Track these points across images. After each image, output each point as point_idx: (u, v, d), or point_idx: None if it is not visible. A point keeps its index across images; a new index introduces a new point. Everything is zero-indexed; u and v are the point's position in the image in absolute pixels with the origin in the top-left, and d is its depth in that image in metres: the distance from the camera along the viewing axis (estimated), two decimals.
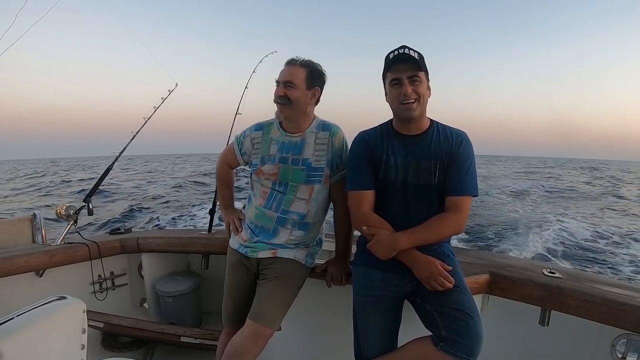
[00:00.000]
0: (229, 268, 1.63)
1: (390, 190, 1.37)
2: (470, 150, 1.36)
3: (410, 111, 1.31)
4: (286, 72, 1.48)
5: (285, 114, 1.50)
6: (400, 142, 1.38)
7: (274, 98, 1.49)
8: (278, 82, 1.49)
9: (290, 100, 1.46)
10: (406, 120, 1.36)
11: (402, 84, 1.29)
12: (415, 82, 1.30)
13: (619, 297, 1.38)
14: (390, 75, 1.32)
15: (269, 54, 2.48)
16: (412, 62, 1.29)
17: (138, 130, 2.43)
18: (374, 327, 1.38)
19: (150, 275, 2.35)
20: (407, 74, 1.29)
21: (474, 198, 1.35)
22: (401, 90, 1.30)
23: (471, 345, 1.16)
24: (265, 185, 1.56)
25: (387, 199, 1.38)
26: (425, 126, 1.38)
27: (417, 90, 1.30)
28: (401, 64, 1.29)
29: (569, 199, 16.80)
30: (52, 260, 1.98)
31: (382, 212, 1.37)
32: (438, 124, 1.40)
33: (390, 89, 1.33)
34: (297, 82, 1.46)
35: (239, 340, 1.44)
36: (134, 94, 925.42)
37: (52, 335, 0.95)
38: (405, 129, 1.38)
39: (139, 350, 2.15)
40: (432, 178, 1.33)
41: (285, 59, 1.54)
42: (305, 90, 1.48)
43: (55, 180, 23.16)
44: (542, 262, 4.46)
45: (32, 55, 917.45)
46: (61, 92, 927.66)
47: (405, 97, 1.29)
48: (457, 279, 1.29)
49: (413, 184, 1.34)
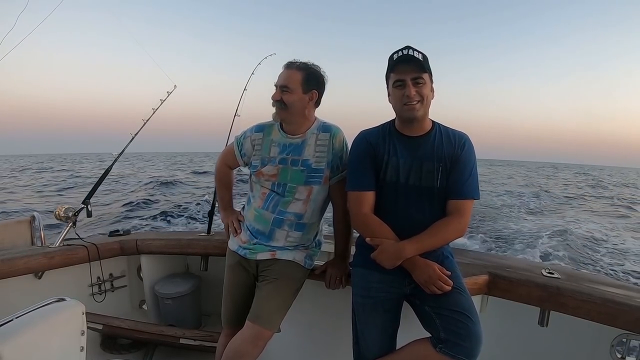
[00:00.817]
0: (228, 270, 1.63)
1: (391, 191, 1.36)
2: (473, 153, 1.36)
3: (413, 112, 1.30)
4: (283, 76, 1.49)
5: (282, 116, 1.51)
6: (402, 143, 1.37)
7: (272, 102, 1.50)
8: (276, 85, 1.50)
9: (286, 105, 1.47)
10: (409, 122, 1.35)
11: (406, 85, 1.28)
12: (419, 83, 1.28)
13: (618, 297, 1.38)
14: (394, 76, 1.31)
15: (268, 56, 2.46)
16: (416, 64, 1.28)
17: (137, 132, 2.44)
18: (372, 329, 1.38)
19: (150, 277, 2.34)
20: (410, 76, 1.28)
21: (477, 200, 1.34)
22: (404, 92, 1.29)
23: (470, 347, 1.16)
24: (264, 186, 1.56)
25: (388, 201, 1.37)
26: (428, 127, 1.38)
27: (420, 92, 1.29)
28: (405, 65, 1.28)
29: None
30: (51, 262, 1.98)
31: (382, 214, 1.36)
32: (440, 126, 1.40)
33: (394, 90, 1.33)
34: (293, 86, 1.47)
35: (238, 342, 1.44)
36: (133, 94, 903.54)
37: (51, 337, 0.95)
38: (407, 130, 1.38)
39: (138, 352, 2.14)
40: (434, 180, 1.32)
41: (284, 60, 1.53)
42: (302, 94, 1.48)
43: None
44: (541, 262, 4.45)
45: (33, 54, 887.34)
46: (62, 90, 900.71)
47: (409, 98, 1.28)
48: (456, 280, 1.29)
49: (415, 186, 1.34)
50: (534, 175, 39.18)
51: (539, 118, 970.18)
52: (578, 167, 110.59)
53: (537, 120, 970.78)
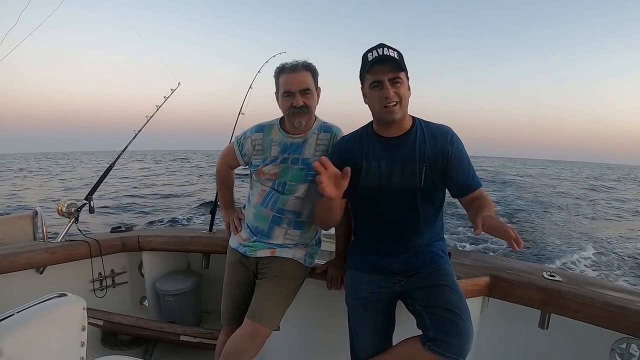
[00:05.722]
0: (228, 267, 1.63)
1: (372, 195, 1.34)
2: (462, 145, 1.33)
3: (392, 114, 1.26)
4: (297, 80, 1.43)
5: (305, 120, 1.48)
6: (382, 146, 1.34)
7: (288, 110, 1.45)
8: (291, 92, 1.43)
9: (309, 108, 1.45)
10: (388, 123, 1.31)
11: (383, 86, 1.24)
12: (397, 83, 1.25)
13: (619, 301, 1.37)
14: (370, 78, 1.27)
15: (277, 54, 2.33)
16: (393, 63, 1.24)
17: (140, 128, 2.44)
18: (364, 329, 1.38)
19: (151, 273, 2.35)
20: (387, 76, 1.24)
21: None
22: (382, 93, 1.24)
23: (459, 345, 1.14)
24: (265, 185, 1.56)
25: (370, 204, 1.36)
26: (408, 126, 1.34)
27: (398, 92, 1.25)
28: (381, 65, 1.24)
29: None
30: (52, 257, 1.99)
31: (366, 218, 1.37)
32: (421, 122, 1.36)
33: (371, 92, 1.28)
34: (311, 87, 1.45)
35: (237, 339, 1.44)
36: (138, 91, 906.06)
37: (52, 332, 0.95)
38: (386, 131, 1.34)
39: (138, 349, 2.15)
40: (417, 181, 1.29)
41: (290, 59, 1.49)
42: (316, 93, 1.49)
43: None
44: (543, 264, 4.41)
45: (33, 55, 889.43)
46: (64, 90, 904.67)
47: (388, 100, 1.24)
48: (448, 278, 1.29)
49: (397, 188, 1.31)
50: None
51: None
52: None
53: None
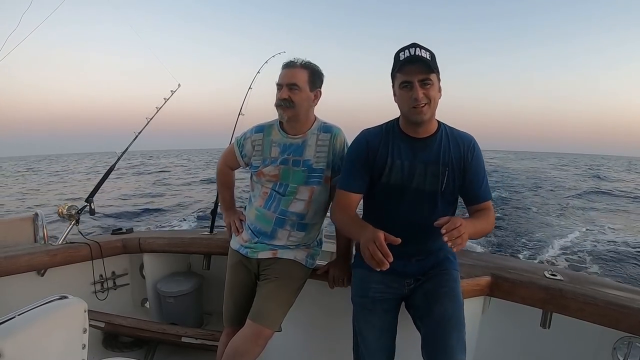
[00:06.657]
0: (230, 269, 1.63)
1: (394, 194, 1.34)
2: (481, 156, 1.35)
3: (421, 115, 1.25)
4: (289, 74, 1.45)
5: (289, 115, 1.47)
6: (407, 145, 1.33)
7: (275, 101, 1.47)
8: (280, 84, 1.46)
9: (293, 103, 1.44)
10: (416, 124, 1.31)
11: (413, 87, 1.23)
12: (427, 85, 1.23)
13: (621, 299, 1.37)
14: (401, 77, 1.25)
15: (276, 54, 2.31)
16: (424, 64, 1.22)
17: (141, 130, 2.44)
18: (372, 329, 1.37)
19: (152, 275, 2.35)
20: (418, 77, 1.22)
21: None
22: (412, 94, 1.23)
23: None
24: (265, 186, 1.56)
25: (390, 203, 1.35)
26: (434, 129, 1.34)
27: (428, 94, 1.23)
28: (412, 65, 1.22)
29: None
30: (53, 259, 1.99)
31: (383, 215, 1.35)
32: (445, 127, 1.36)
33: (400, 91, 1.27)
34: (301, 84, 1.44)
35: (239, 341, 1.44)
36: (138, 92, 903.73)
37: (53, 335, 0.95)
38: (413, 131, 1.33)
39: (139, 350, 2.15)
40: (439, 184, 1.30)
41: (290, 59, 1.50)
42: (309, 92, 1.47)
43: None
44: (544, 264, 4.42)
45: (33, 54, 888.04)
46: (63, 90, 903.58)
47: (417, 101, 1.22)
48: (451, 284, 1.29)
49: (419, 189, 1.31)
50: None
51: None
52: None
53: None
